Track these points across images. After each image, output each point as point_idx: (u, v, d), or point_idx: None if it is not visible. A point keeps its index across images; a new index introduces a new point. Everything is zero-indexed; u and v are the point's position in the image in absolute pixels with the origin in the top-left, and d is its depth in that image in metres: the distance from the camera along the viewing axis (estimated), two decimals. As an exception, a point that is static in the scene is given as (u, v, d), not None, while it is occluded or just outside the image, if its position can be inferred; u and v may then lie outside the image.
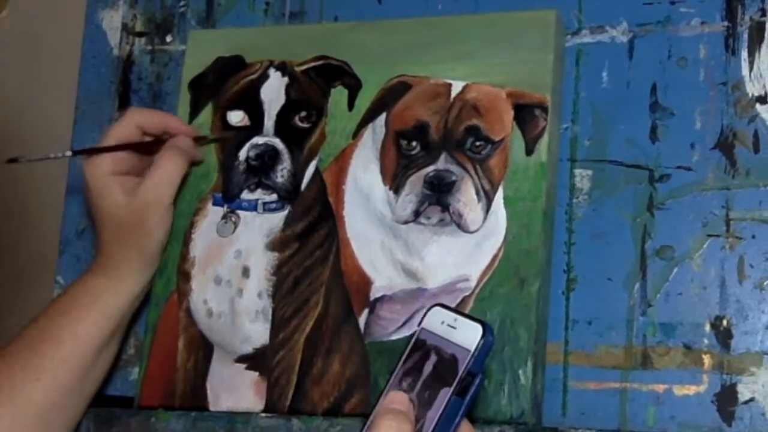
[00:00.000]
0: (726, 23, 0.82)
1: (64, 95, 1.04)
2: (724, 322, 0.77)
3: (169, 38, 0.97)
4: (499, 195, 0.81)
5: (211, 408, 0.84)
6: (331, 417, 0.81)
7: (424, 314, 0.65)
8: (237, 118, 0.89)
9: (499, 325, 0.78)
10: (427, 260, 0.82)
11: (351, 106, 0.87)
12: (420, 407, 0.62)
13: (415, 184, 0.83)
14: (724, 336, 0.77)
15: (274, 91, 0.89)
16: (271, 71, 0.90)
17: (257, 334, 0.84)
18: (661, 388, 0.77)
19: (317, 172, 0.87)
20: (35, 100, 1.36)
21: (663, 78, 0.82)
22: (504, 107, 0.82)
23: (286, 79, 0.89)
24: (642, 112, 0.82)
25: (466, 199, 0.81)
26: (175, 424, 0.84)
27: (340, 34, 0.89)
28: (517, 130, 0.82)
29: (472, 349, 0.62)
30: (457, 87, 0.84)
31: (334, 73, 0.88)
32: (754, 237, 0.78)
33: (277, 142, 0.88)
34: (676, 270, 0.79)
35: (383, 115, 0.85)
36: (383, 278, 0.83)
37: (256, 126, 0.88)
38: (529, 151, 0.81)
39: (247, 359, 0.84)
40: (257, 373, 0.84)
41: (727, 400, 0.76)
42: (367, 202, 0.84)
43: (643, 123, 0.82)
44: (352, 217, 0.85)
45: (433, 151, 0.83)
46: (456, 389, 0.61)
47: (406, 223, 0.83)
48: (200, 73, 0.92)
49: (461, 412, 0.62)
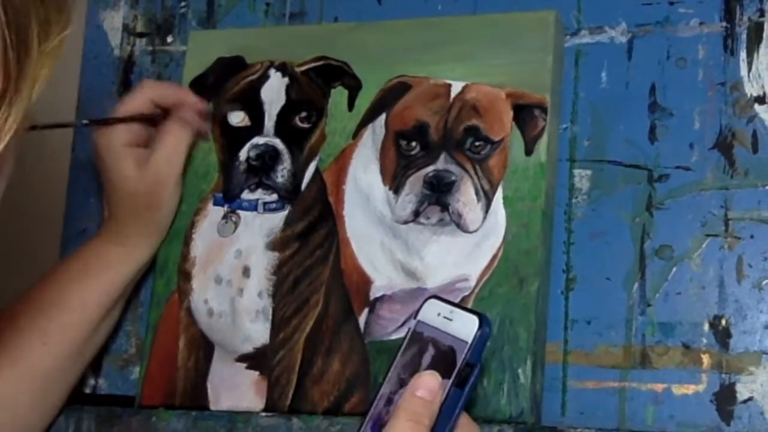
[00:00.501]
0: (725, 24, 0.82)
1: (65, 95, 1.04)
2: (723, 322, 0.78)
3: (169, 39, 0.97)
4: (499, 195, 0.81)
5: (212, 407, 0.85)
6: (331, 416, 0.81)
7: (419, 306, 0.65)
8: (237, 118, 0.90)
9: (498, 325, 0.78)
10: (427, 260, 0.82)
11: (351, 106, 0.87)
12: None
13: (414, 184, 0.83)
14: (722, 335, 0.77)
15: (274, 92, 0.89)
16: (272, 72, 0.90)
17: (257, 333, 0.85)
18: (660, 387, 0.78)
19: (317, 172, 0.87)
20: (36, 100, 1.36)
21: (662, 78, 0.82)
22: (503, 107, 0.83)
23: (287, 80, 0.89)
24: (641, 112, 0.82)
25: (466, 199, 0.82)
26: (176, 423, 0.84)
27: (340, 35, 0.89)
28: (517, 131, 0.82)
29: (470, 341, 0.62)
30: (456, 87, 0.84)
31: (334, 74, 0.88)
32: (752, 237, 0.78)
33: (278, 143, 0.88)
34: (675, 270, 0.79)
35: (383, 116, 0.86)
36: (383, 278, 0.83)
37: (256, 126, 0.89)
38: (529, 152, 0.81)
39: (248, 359, 0.85)
40: (258, 373, 0.84)
41: (725, 399, 0.76)
42: (367, 202, 0.85)
43: (642, 123, 0.82)
44: (352, 217, 0.85)
45: (433, 152, 0.83)
46: (455, 381, 0.62)
47: (406, 223, 0.83)
48: (201, 73, 0.92)
49: (461, 404, 0.62)
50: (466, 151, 0.82)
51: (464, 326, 0.63)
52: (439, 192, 0.82)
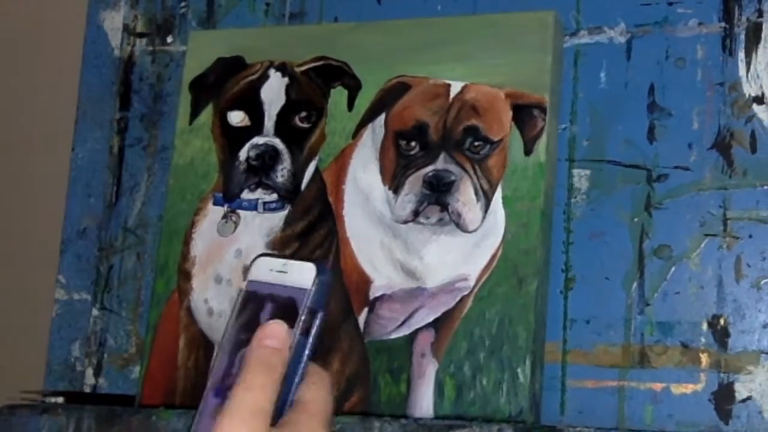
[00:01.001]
0: (723, 24, 0.82)
1: (66, 95, 1.04)
2: (722, 321, 0.78)
3: (169, 39, 0.97)
4: (498, 195, 0.82)
5: (212, 406, 0.85)
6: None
7: (248, 267, 0.62)
8: (237, 118, 0.90)
9: (497, 324, 0.78)
10: (426, 259, 0.82)
11: (351, 106, 0.87)
12: None
13: (414, 184, 0.83)
14: (721, 335, 0.77)
15: (274, 92, 0.89)
16: (272, 72, 0.90)
17: (257, 333, 0.85)
18: (658, 386, 0.78)
19: (317, 171, 0.87)
20: (37, 100, 1.36)
21: (661, 78, 0.82)
22: (503, 107, 0.83)
23: (286, 80, 0.89)
24: (640, 112, 0.82)
25: (465, 198, 0.82)
26: (176, 422, 0.84)
27: (340, 35, 0.89)
28: (516, 131, 0.82)
29: (309, 287, 0.60)
30: (456, 87, 0.84)
31: (333, 74, 0.88)
32: (751, 236, 0.78)
33: (278, 142, 0.88)
34: (673, 269, 0.79)
35: (383, 116, 0.86)
36: (383, 277, 0.83)
37: (256, 126, 0.89)
38: (528, 151, 0.82)
39: (248, 358, 0.85)
40: (257, 372, 0.84)
41: (724, 398, 0.76)
42: (367, 202, 0.85)
43: (641, 123, 0.82)
44: (351, 217, 0.85)
45: (432, 151, 0.83)
46: (300, 329, 0.60)
47: (406, 222, 0.83)
48: (201, 73, 0.92)
49: (307, 351, 0.61)
50: (466, 151, 0.83)
51: (301, 275, 0.61)
52: (439, 192, 0.82)
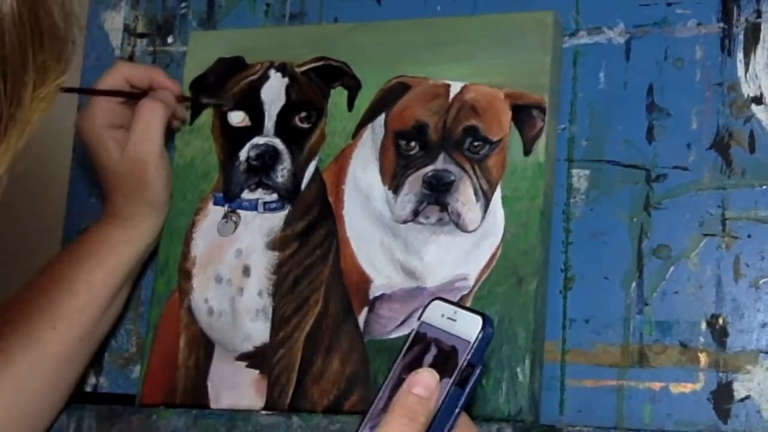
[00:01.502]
0: (722, 24, 0.82)
1: (67, 96, 1.04)
2: (720, 321, 0.78)
3: (170, 39, 0.98)
4: (497, 195, 0.82)
5: (212, 406, 0.85)
6: (331, 415, 0.81)
7: (423, 308, 0.65)
8: (238, 118, 0.90)
9: (497, 324, 0.78)
10: (426, 259, 0.82)
11: (350, 106, 0.87)
12: None
13: (414, 184, 0.83)
14: (720, 334, 0.78)
15: (274, 92, 0.89)
16: (272, 72, 0.90)
17: (258, 332, 0.85)
18: (657, 385, 0.78)
19: (317, 172, 0.87)
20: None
21: (659, 79, 0.83)
22: (502, 108, 0.83)
23: (287, 80, 0.89)
24: (639, 112, 0.82)
25: (465, 198, 0.82)
26: (177, 421, 0.85)
27: (340, 35, 0.89)
28: (515, 131, 0.82)
29: (472, 340, 0.62)
30: (455, 87, 0.84)
31: (333, 74, 0.88)
32: (749, 236, 0.79)
33: (278, 143, 0.88)
34: (672, 269, 0.80)
35: (382, 116, 0.86)
36: (382, 277, 0.83)
37: (256, 126, 0.89)
38: (527, 152, 0.82)
39: (248, 357, 0.85)
40: (258, 371, 0.84)
41: (723, 397, 0.76)
42: (367, 202, 0.85)
43: (640, 123, 0.82)
44: (351, 217, 0.85)
45: (432, 151, 0.83)
46: (456, 380, 0.61)
47: (405, 222, 0.83)
48: (201, 74, 0.92)
49: (461, 403, 0.62)
50: (465, 151, 0.83)
51: (467, 326, 0.63)
52: (438, 192, 0.82)
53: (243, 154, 0.89)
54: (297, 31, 0.92)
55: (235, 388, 0.84)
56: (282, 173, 0.87)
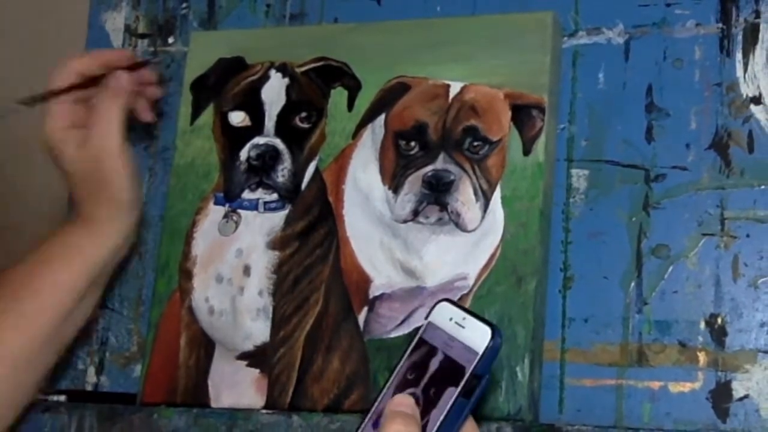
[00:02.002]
0: (721, 25, 0.82)
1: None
2: (719, 320, 0.78)
3: (171, 40, 0.98)
4: (497, 194, 0.82)
5: (213, 404, 0.85)
6: (331, 413, 0.81)
7: (431, 308, 0.64)
8: (238, 118, 0.90)
9: (496, 323, 0.79)
10: (426, 259, 0.83)
11: (351, 106, 0.88)
12: (425, 404, 0.62)
13: (413, 184, 0.83)
14: (718, 334, 0.78)
15: (274, 92, 0.90)
16: (272, 72, 0.90)
17: (258, 331, 0.85)
18: (656, 385, 0.78)
19: (317, 171, 0.87)
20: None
21: (659, 79, 0.83)
22: (502, 108, 0.83)
23: (287, 80, 0.90)
24: (638, 112, 0.83)
25: (464, 198, 0.82)
26: (177, 420, 0.85)
27: (340, 36, 0.90)
28: (515, 131, 0.83)
29: (480, 352, 0.60)
30: (455, 88, 0.85)
31: (334, 74, 0.89)
32: (748, 236, 0.79)
33: (278, 143, 0.88)
34: (671, 268, 0.80)
35: (382, 116, 0.86)
36: (382, 277, 0.84)
37: (256, 126, 0.89)
38: (527, 151, 0.82)
39: (248, 356, 0.85)
40: (258, 370, 0.85)
41: (721, 397, 0.77)
42: (367, 202, 0.85)
43: (639, 123, 0.83)
44: (351, 217, 0.85)
45: (432, 151, 0.84)
46: (462, 391, 0.60)
47: (405, 222, 0.84)
48: (202, 74, 0.93)
49: (465, 413, 0.61)
50: (465, 151, 0.83)
51: (476, 335, 0.61)
52: (438, 191, 0.83)
53: (243, 154, 0.89)
54: (297, 32, 0.93)
55: (236, 387, 0.85)
56: (282, 173, 0.88)
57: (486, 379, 0.61)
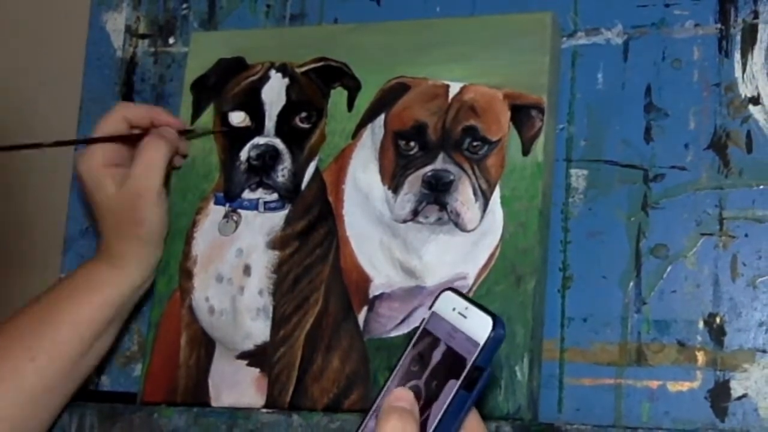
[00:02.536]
0: (719, 25, 0.83)
1: (69, 96, 1.04)
2: (718, 320, 0.78)
3: (171, 40, 0.98)
4: (496, 194, 0.82)
5: (213, 404, 0.85)
6: (331, 413, 0.81)
7: (435, 298, 0.63)
8: (238, 118, 0.90)
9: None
10: (426, 258, 0.83)
11: (350, 106, 0.88)
12: (426, 396, 0.61)
13: (413, 184, 0.84)
14: (717, 333, 0.78)
15: (274, 92, 0.90)
16: (272, 72, 0.91)
17: (258, 331, 0.85)
18: (655, 384, 0.78)
19: (317, 171, 0.88)
20: (40, 102, 1.37)
21: (657, 79, 0.83)
22: (501, 108, 0.83)
23: (287, 81, 0.90)
24: (637, 112, 0.83)
25: (464, 198, 0.82)
26: (178, 419, 0.85)
27: (340, 36, 0.90)
28: (514, 131, 0.83)
29: (482, 343, 0.60)
30: (454, 88, 0.85)
31: (333, 75, 0.89)
32: (747, 236, 0.79)
33: (278, 143, 0.89)
34: (670, 268, 0.80)
35: (382, 116, 0.86)
36: (382, 276, 0.84)
37: (257, 126, 0.90)
38: (526, 152, 0.82)
39: (249, 356, 0.85)
40: (258, 370, 0.85)
41: (720, 396, 0.77)
42: (367, 202, 0.85)
43: (638, 123, 0.83)
44: (351, 216, 0.86)
45: (431, 151, 0.84)
46: (463, 383, 0.60)
47: (405, 222, 0.84)
48: (202, 74, 0.93)
49: (467, 406, 0.60)
50: (464, 151, 0.83)
51: (477, 326, 0.60)
52: (438, 191, 0.83)
53: (244, 154, 0.89)
54: (297, 32, 0.93)
55: (236, 386, 0.85)
56: (282, 173, 0.88)
57: (488, 372, 0.60)
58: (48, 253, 1.13)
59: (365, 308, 0.84)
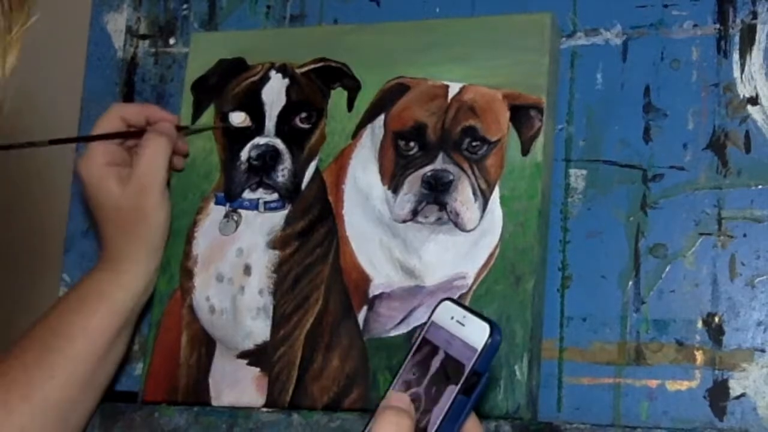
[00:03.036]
0: (718, 26, 0.83)
1: (70, 97, 1.05)
2: (716, 319, 0.78)
3: (172, 41, 0.98)
4: (496, 194, 0.82)
5: (213, 403, 0.85)
6: (331, 412, 0.82)
7: (434, 308, 0.64)
8: (239, 119, 0.91)
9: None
10: (425, 258, 0.83)
11: (350, 107, 0.88)
12: (426, 402, 0.62)
13: (413, 184, 0.84)
14: (716, 332, 0.78)
15: (274, 93, 0.90)
16: (272, 73, 0.91)
17: (258, 330, 0.86)
18: (654, 383, 0.78)
19: (317, 171, 0.88)
20: (41, 102, 1.37)
21: (656, 79, 0.83)
22: (500, 108, 0.83)
23: (287, 81, 0.90)
24: (635, 113, 0.83)
25: (463, 198, 0.83)
26: (178, 418, 0.85)
27: (340, 37, 0.90)
28: (513, 131, 0.83)
29: (479, 349, 0.61)
30: (454, 88, 0.85)
31: (333, 75, 0.89)
32: (745, 235, 0.79)
33: (278, 143, 0.89)
34: (669, 268, 0.80)
35: (382, 116, 0.87)
36: (382, 276, 0.84)
37: (257, 127, 0.90)
38: (525, 152, 0.82)
39: (249, 355, 0.86)
40: (258, 369, 0.85)
41: (718, 395, 0.77)
42: (366, 202, 0.86)
43: (637, 124, 0.83)
44: (351, 216, 0.86)
45: (431, 152, 0.84)
46: (461, 388, 0.61)
47: (405, 221, 0.84)
48: (203, 75, 0.93)
49: (466, 411, 0.62)
50: (464, 151, 0.83)
51: (475, 332, 0.62)
52: (437, 191, 0.83)
53: (244, 155, 0.89)
54: (297, 33, 0.93)
55: (236, 385, 0.85)
56: (282, 173, 0.88)
57: (486, 377, 0.62)
58: (49, 254, 1.14)
59: (365, 308, 0.84)
